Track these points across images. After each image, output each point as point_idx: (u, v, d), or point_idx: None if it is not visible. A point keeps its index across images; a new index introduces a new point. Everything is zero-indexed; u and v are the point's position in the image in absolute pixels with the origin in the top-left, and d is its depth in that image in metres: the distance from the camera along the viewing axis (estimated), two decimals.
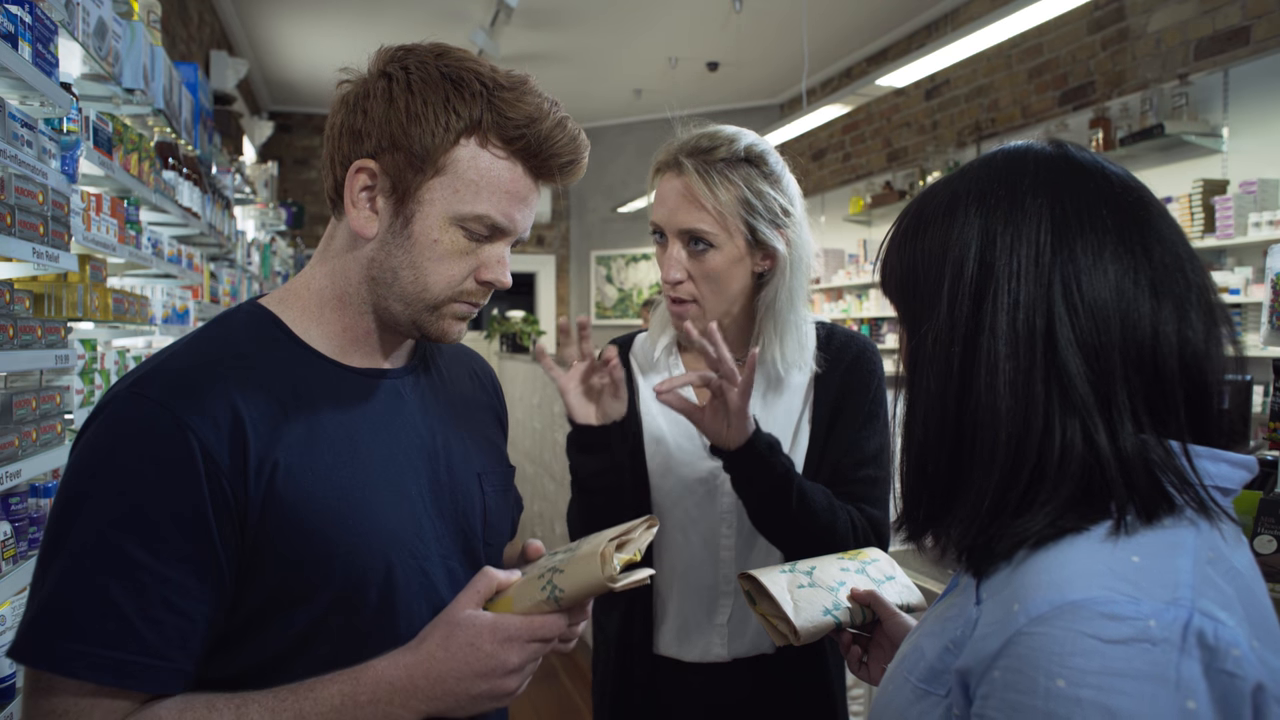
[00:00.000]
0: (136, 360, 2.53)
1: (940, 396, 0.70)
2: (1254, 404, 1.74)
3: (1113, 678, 0.57)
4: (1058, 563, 0.63)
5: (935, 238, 0.73)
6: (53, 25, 1.77)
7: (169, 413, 0.82)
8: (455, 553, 0.99)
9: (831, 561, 1.19)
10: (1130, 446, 0.66)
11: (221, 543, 0.83)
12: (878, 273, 0.81)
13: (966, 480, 0.69)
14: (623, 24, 6.24)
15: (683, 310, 1.34)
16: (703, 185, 1.29)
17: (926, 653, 0.72)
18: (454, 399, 1.08)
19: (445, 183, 0.91)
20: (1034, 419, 0.66)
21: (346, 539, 0.88)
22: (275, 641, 0.88)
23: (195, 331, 0.94)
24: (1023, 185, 0.71)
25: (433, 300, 0.94)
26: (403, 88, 0.90)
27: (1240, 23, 4.02)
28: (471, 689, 0.86)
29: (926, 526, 0.73)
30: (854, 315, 6.58)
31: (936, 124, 6.18)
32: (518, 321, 6.98)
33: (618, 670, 1.46)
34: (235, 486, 0.84)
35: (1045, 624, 0.60)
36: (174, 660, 0.81)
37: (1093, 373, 0.66)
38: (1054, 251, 0.68)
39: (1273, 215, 3.62)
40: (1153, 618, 0.58)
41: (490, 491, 1.06)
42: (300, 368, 0.93)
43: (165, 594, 0.80)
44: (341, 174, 0.93)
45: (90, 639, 0.78)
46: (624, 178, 8.83)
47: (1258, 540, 1.45)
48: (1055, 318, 0.67)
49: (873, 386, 1.41)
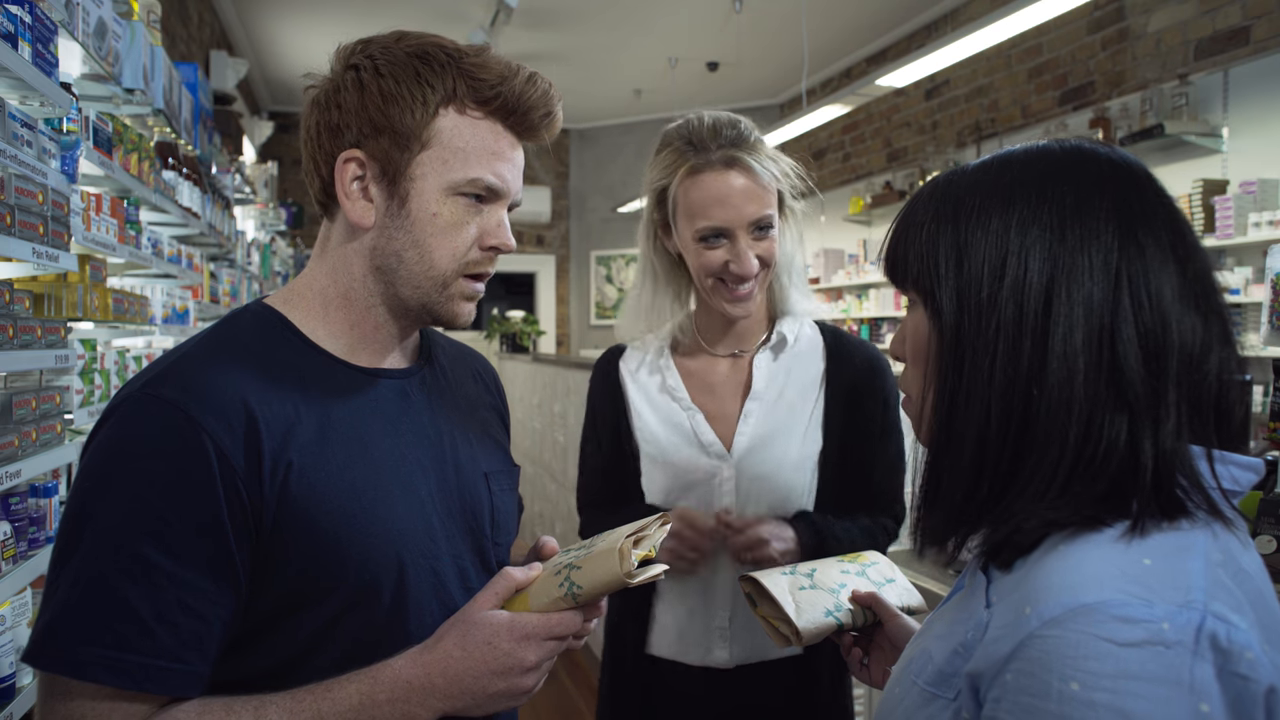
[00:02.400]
0: (137, 360, 2.53)
1: (1006, 392, 0.68)
2: (1254, 404, 1.74)
3: (1127, 680, 0.57)
4: (1070, 565, 0.63)
5: (988, 229, 0.71)
6: (53, 25, 1.77)
7: (183, 414, 0.82)
8: (465, 552, 1.00)
9: (832, 564, 1.19)
10: (1168, 448, 0.66)
11: (237, 545, 0.83)
12: (886, 256, 0.78)
13: (1026, 472, 0.68)
14: (623, 24, 6.24)
15: (748, 295, 1.38)
16: (764, 170, 1.34)
17: (935, 656, 0.72)
18: (459, 399, 1.08)
19: (433, 155, 0.91)
20: (1095, 415, 0.66)
21: (360, 539, 0.88)
22: (287, 643, 0.88)
23: (204, 332, 0.93)
24: (1087, 182, 0.70)
25: (440, 276, 0.94)
26: (371, 74, 0.91)
27: (1240, 23, 4.02)
28: (489, 687, 0.86)
29: (980, 518, 0.70)
30: (854, 315, 6.58)
31: (936, 124, 6.17)
32: (518, 321, 6.98)
33: (621, 674, 1.46)
34: (250, 488, 0.83)
35: (1058, 626, 0.59)
36: (190, 663, 0.81)
37: (1148, 372, 0.66)
38: (1121, 249, 0.68)
39: (1273, 215, 3.62)
40: (1166, 620, 0.58)
41: (497, 491, 1.06)
42: (309, 367, 0.93)
43: (181, 597, 0.80)
44: (328, 173, 0.93)
45: (108, 643, 0.78)
46: (624, 178, 8.83)
47: (1258, 540, 1.45)
48: (1120, 315, 0.66)
49: (888, 394, 1.45)
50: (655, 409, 1.46)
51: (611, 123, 9.02)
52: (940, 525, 0.73)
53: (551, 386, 5.18)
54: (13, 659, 1.61)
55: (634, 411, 1.47)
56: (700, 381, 1.46)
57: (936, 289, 0.72)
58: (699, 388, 1.46)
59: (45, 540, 1.75)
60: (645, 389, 1.48)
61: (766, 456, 1.39)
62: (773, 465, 1.39)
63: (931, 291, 0.73)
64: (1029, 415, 0.67)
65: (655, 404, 1.46)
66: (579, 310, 9.35)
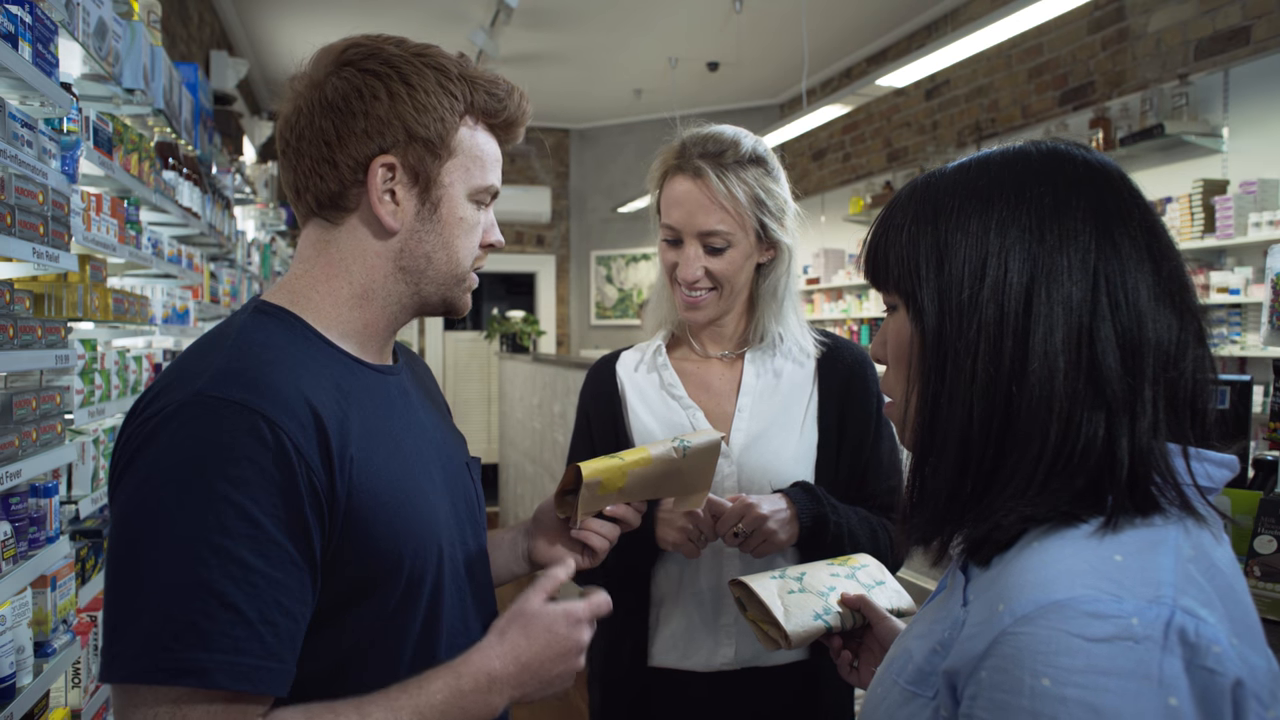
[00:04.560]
0: (137, 360, 2.53)
1: (988, 391, 0.69)
2: (1254, 404, 1.73)
3: (1097, 675, 0.58)
4: (1041, 562, 0.64)
5: (967, 230, 0.71)
6: (53, 25, 1.77)
7: (257, 414, 0.82)
8: (470, 538, 1.06)
9: (821, 567, 1.19)
10: (1144, 445, 0.67)
11: (319, 540, 0.85)
12: (867, 259, 0.79)
13: (1007, 469, 0.69)
14: (623, 24, 6.24)
15: (697, 302, 1.41)
16: (722, 186, 1.35)
17: (914, 655, 0.72)
18: (430, 395, 1.13)
19: (458, 163, 0.98)
20: (1074, 413, 0.67)
21: (411, 529, 0.92)
22: (347, 638, 0.90)
23: (232, 334, 0.92)
24: (1064, 183, 0.71)
25: (463, 273, 1.02)
26: (399, 81, 0.93)
27: (1240, 23, 4.02)
28: (552, 670, 0.96)
29: (963, 517, 0.71)
30: (854, 315, 6.58)
31: (936, 124, 6.17)
32: (518, 322, 6.97)
33: (617, 689, 1.45)
34: (323, 483, 0.85)
35: (1030, 624, 0.60)
36: (288, 662, 0.82)
37: (1125, 370, 0.67)
38: (1098, 249, 0.69)
39: (1273, 215, 3.62)
40: (1135, 615, 0.59)
41: (476, 479, 1.14)
42: (336, 366, 0.94)
43: (278, 597, 0.81)
44: (349, 176, 0.94)
45: (225, 647, 0.78)
46: (624, 178, 8.83)
47: (1258, 540, 1.45)
48: (1099, 315, 0.68)
49: (877, 396, 1.46)
50: (653, 408, 1.46)
51: (611, 123, 9.01)
52: (926, 525, 0.74)
53: (551, 387, 5.18)
54: (13, 659, 1.61)
55: (631, 411, 1.47)
56: (697, 380, 1.48)
57: (918, 291, 0.73)
58: (696, 386, 1.47)
59: (45, 540, 1.75)
60: (642, 389, 1.49)
61: (765, 450, 1.41)
62: (771, 458, 1.40)
63: (913, 293, 0.74)
64: (1011, 414, 0.68)
65: (653, 403, 1.47)
66: (579, 310, 9.35)
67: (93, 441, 2.12)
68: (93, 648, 2.01)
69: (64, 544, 1.83)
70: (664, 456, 1.14)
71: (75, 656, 1.87)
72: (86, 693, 1.98)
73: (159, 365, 2.75)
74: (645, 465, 1.12)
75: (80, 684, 1.97)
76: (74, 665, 1.93)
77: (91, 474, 2.09)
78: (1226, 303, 3.78)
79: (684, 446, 1.15)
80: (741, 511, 1.26)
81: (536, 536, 1.19)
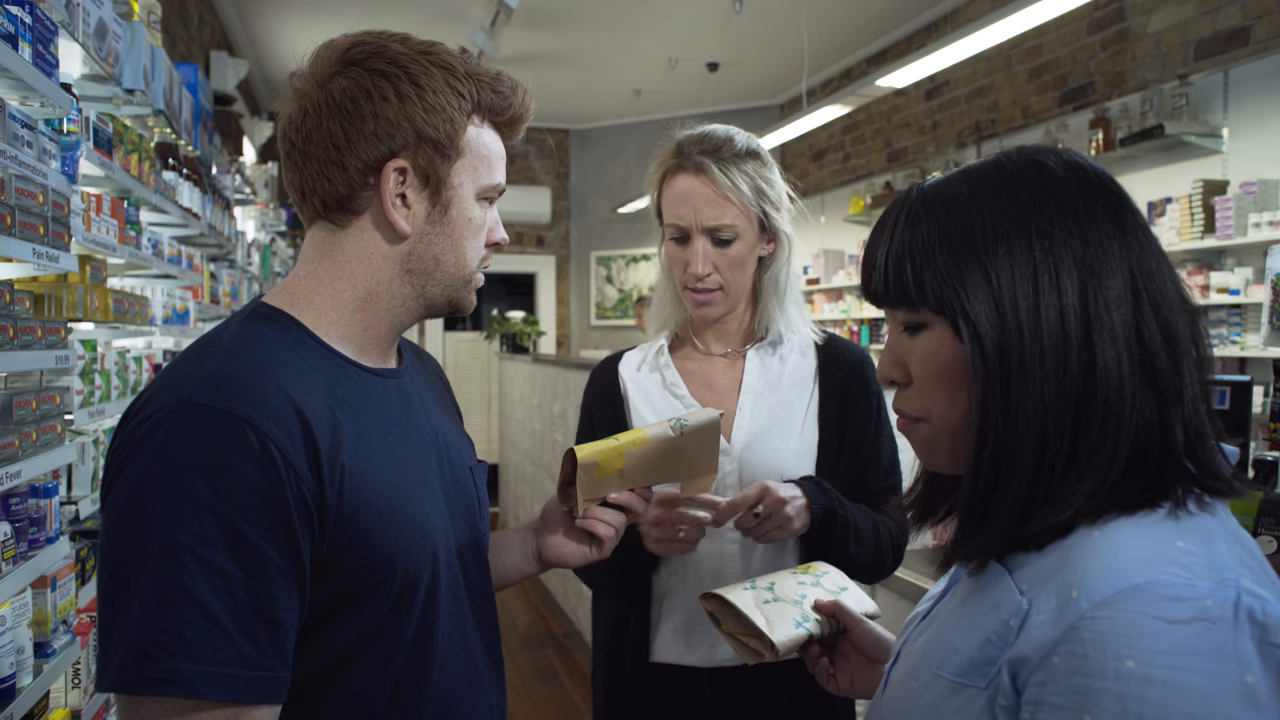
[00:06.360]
0: (137, 361, 2.53)
1: (1060, 397, 0.70)
2: (1254, 404, 1.73)
3: (1181, 656, 0.60)
4: (1111, 549, 0.66)
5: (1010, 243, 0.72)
6: (53, 26, 1.77)
7: (244, 422, 0.81)
8: (468, 544, 1.04)
9: (787, 576, 1.20)
10: (1195, 434, 0.71)
11: (308, 548, 0.84)
12: (886, 279, 0.78)
13: (1079, 466, 0.70)
14: (623, 24, 6.24)
15: (708, 299, 1.43)
16: (725, 179, 1.37)
17: (960, 647, 0.73)
18: (436, 396, 1.12)
19: (467, 164, 0.97)
20: (1140, 406, 0.70)
21: (403, 536, 0.91)
22: (337, 644, 0.89)
23: (225, 338, 0.91)
24: (1082, 188, 0.74)
25: (470, 274, 1.01)
26: (407, 82, 0.91)
27: (1240, 23, 4.02)
28: None
29: (1033, 518, 0.71)
30: (854, 316, 6.58)
31: (936, 124, 6.18)
32: (518, 322, 6.97)
33: (619, 687, 1.45)
34: (312, 491, 0.84)
35: (1110, 608, 0.62)
36: (276, 670, 0.82)
37: (1171, 361, 0.71)
38: (1125, 246, 0.72)
39: (1273, 215, 3.62)
40: (1209, 597, 0.61)
41: (480, 484, 1.11)
42: (332, 370, 0.93)
43: (258, 606, 0.80)
44: (358, 179, 0.92)
45: (203, 657, 0.77)
46: (624, 178, 8.83)
47: (1258, 540, 1.45)
48: (1141, 310, 0.71)
49: (876, 395, 1.48)
50: (655, 407, 1.47)
51: (611, 123, 9.01)
52: (998, 536, 0.73)
53: (551, 387, 5.19)
54: (13, 659, 1.61)
55: (634, 411, 1.48)
56: (700, 379, 1.49)
57: (969, 308, 0.73)
58: (699, 385, 1.48)
59: (45, 541, 1.75)
60: (645, 388, 1.50)
61: (766, 447, 1.41)
62: (772, 455, 1.41)
63: (963, 311, 0.73)
64: (1085, 417, 0.70)
65: (655, 402, 1.48)
66: (579, 311, 9.35)
67: (93, 442, 2.12)
68: (92, 648, 2.01)
69: (64, 544, 1.83)
70: (661, 436, 1.13)
71: (75, 657, 1.87)
72: (86, 693, 1.98)
73: (159, 366, 2.75)
74: (642, 445, 1.11)
75: (80, 685, 1.97)
76: (74, 666, 1.93)
77: (91, 474, 2.09)
78: (1226, 303, 3.78)
79: (681, 424, 1.14)
80: (761, 494, 1.27)
81: (544, 533, 1.18)
